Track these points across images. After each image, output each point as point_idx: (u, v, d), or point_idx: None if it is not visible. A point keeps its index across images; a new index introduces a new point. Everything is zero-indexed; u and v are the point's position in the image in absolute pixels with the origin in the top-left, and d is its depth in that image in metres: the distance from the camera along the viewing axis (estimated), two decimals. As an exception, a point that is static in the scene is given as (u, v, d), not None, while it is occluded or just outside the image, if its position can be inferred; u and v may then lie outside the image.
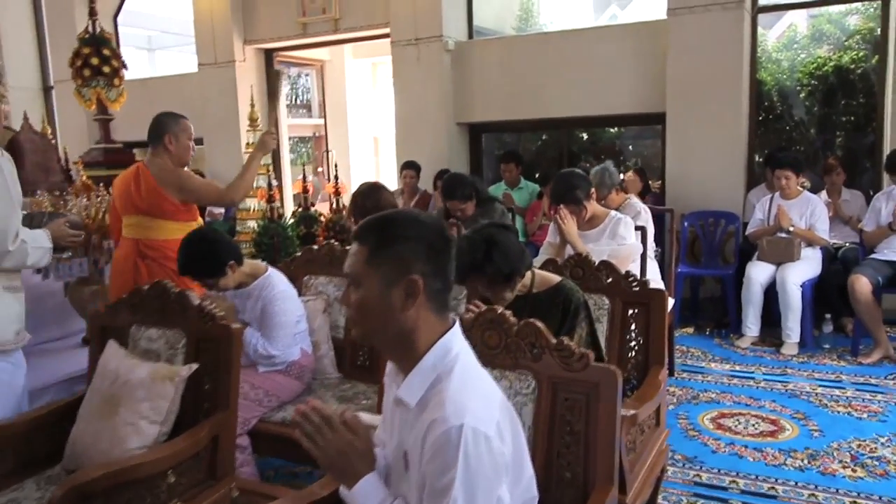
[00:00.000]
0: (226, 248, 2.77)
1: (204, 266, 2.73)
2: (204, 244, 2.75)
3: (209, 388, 2.23)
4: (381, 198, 3.49)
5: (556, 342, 1.76)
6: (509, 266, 2.23)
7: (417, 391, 1.31)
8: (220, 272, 2.72)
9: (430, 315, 1.33)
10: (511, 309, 2.34)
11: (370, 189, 3.52)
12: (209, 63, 7.65)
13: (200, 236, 2.83)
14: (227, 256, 2.74)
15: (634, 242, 3.24)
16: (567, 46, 6.16)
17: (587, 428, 1.72)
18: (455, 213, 4.27)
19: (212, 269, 2.72)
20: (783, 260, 4.62)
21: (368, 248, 1.32)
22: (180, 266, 2.75)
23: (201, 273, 2.75)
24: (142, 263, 3.21)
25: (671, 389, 3.95)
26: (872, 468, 2.99)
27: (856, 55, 6.13)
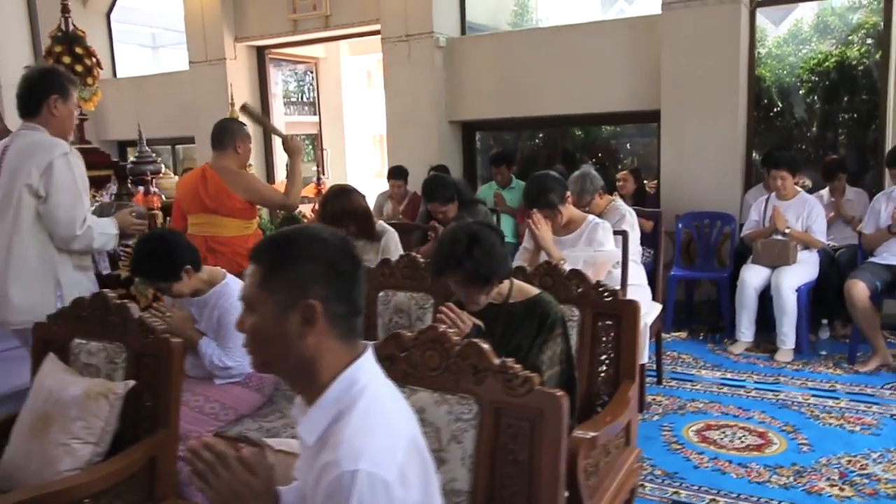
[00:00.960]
0: (183, 251, 2.64)
1: (158, 268, 2.59)
2: (161, 245, 2.62)
3: (150, 406, 2.12)
4: (351, 200, 3.37)
5: (500, 364, 1.64)
6: (489, 267, 2.12)
7: (317, 428, 1.20)
8: (175, 276, 2.60)
9: (334, 343, 1.22)
10: (486, 318, 2.26)
11: (338, 192, 3.41)
12: (200, 61, 7.56)
13: (158, 237, 2.71)
14: (184, 260, 2.61)
15: (613, 249, 3.10)
16: (561, 42, 6.01)
17: (531, 457, 1.60)
18: (437, 215, 4.16)
19: (166, 271, 2.60)
20: (778, 263, 4.46)
21: (262, 269, 1.21)
22: (133, 265, 2.63)
23: (154, 275, 2.62)
24: (212, 258, 3.36)
25: (657, 399, 3.82)
26: (861, 487, 2.84)
27: (859, 50, 5.95)
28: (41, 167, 2.59)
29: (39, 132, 2.68)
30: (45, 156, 2.60)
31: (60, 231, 2.64)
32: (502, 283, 2.25)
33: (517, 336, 2.20)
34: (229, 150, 3.59)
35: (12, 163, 2.64)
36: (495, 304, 2.26)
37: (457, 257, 2.10)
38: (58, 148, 2.64)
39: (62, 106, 2.72)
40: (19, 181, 2.60)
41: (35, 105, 2.69)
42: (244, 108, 3.88)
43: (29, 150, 2.63)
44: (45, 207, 2.62)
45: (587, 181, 3.73)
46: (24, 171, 2.60)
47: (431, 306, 2.76)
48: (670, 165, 5.47)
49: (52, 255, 2.67)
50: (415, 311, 2.79)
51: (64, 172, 2.62)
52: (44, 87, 2.70)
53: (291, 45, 7.71)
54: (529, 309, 2.22)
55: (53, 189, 2.60)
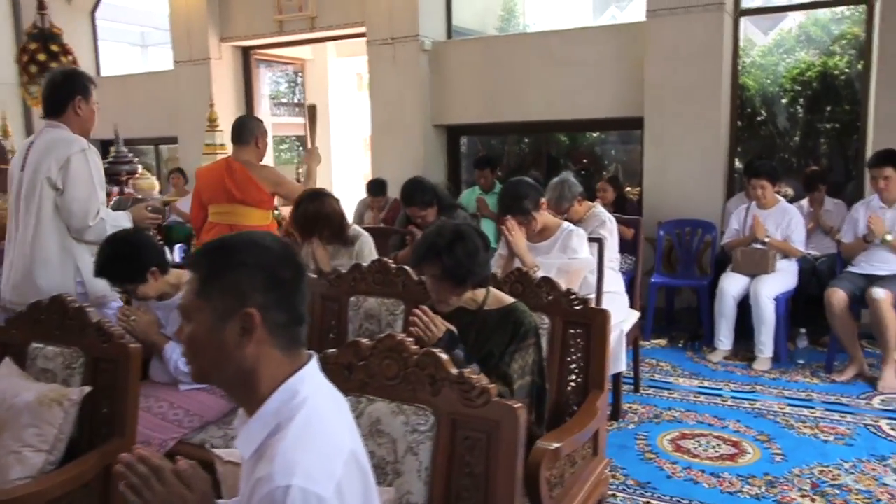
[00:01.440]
0: (150, 252, 2.59)
1: (123, 269, 2.54)
2: (126, 246, 2.57)
3: (107, 413, 2.07)
4: (324, 204, 3.32)
5: (457, 374, 1.61)
6: (466, 267, 2.12)
7: (254, 441, 1.16)
8: (141, 278, 2.55)
9: (275, 353, 1.18)
10: (460, 324, 2.24)
11: (311, 195, 3.36)
12: (185, 60, 7.50)
13: (123, 236, 2.65)
14: (150, 262, 2.56)
15: (587, 256, 3.07)
16: (546, 48, 6.00)
17: (487, 470, 1.57)
18: (416, 219, 4.13)
19: (131, 272, 2.54)
20: (757, 272, 4.45)
21: (199, 277, 1.18)
22: (97, 266, 2.58)
23: (119, 276, 2.57)
24: None
25: (634, 407, 3.80)
26: (832, 497, 2.83)
27: (841, 61, 5.97)
28: (60, 161, 2.78)
29: (61, 129, 2.85)
30: (64, 151, 2.78)
31: (74, 222, 2.82)
32: (478, 290, 2.24)
33: (489, 343, 2.19)
34: (251, 144, 3.81)
35: (35, 158, 2.83)
36: (470, 311, 2.25)
37: (436, 249, 2.11)
38: (76, 144, 2.82)
39: (85, 105, 2.89)
40: (41, 175, 2.79)
41: (60, 105, 2.86)
42: (312, 110, 4.33)
43: (50, 146, 2.82)
44: (62, 199, 2.81)
45: (565, 188, 3.71)
46: (45, 165, 2.79)
47: (402, 312, 2.73)
48: (653, 173, 5.46)
49: (70, 243, 2.86)
50: (385, 317, 2.76)
51: (80, 167, 2.80)
52: (68, 89, 2.87)
53: (277, 45, 7.67)
54: (504, 317, 2.21)
55: (70, 183, 2.78)
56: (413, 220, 4.15)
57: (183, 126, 7.51)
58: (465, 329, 2.22)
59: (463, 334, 2.20)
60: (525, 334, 2.16)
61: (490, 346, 2.17)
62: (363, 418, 1.66)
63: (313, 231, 3.32)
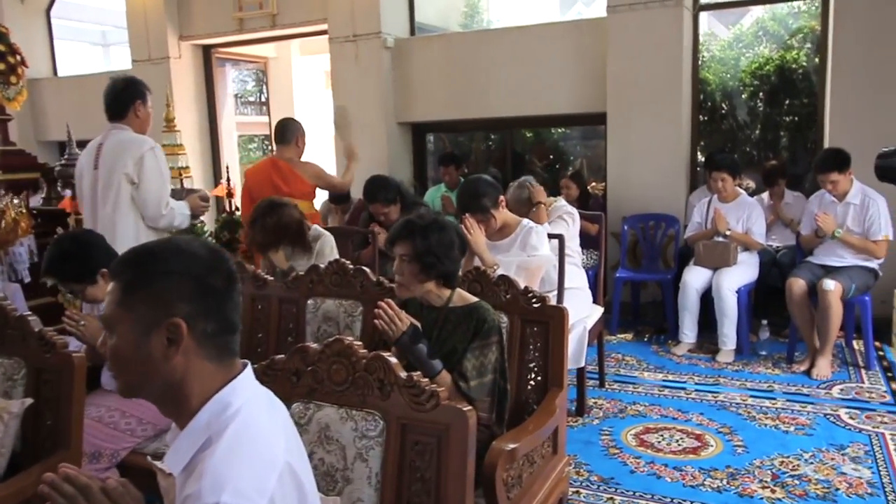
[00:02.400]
0: (100, 252, 2.52)
1: (71, 268, 2.48)
2: (73, 245, 2.51)
3: (51, 425, 2.01)
4: (282, 216, 3.20)
5: (406, 378, 1.58)
6: (436, 256, 2.15)
7: (183, 457, 1.12)
8: (89, 279, 2.48)
9: (205, 364, 1.14)
10: (424, 320, 2.23)
11: (268, 208, 3.24)
12: (143, 59, 7.34)
13: (73, 236, 2.60)
14: (100, 263, 2.48)
15: (547, 253, 3.06)
16: (509, 44, 5.98)
17: (438, 475, 1.54)
18: (378, 217, 4.08)
19: (80, 272, 2.48)
20: (719, 265, 4.49)
21: (121, 286, 1.12)
22: (46, 264, 2.51)
23: (67, 275, 2.51)
24: None
25: (599, 402, 3.80)
26: (792, 488, 2.86)
27: (797, 54, 6.05)
28: (135, 159, 3.16)
29: (127, 131, 3.25)
30: (137, 150, 3.18)
31: (150, 211, 3.22)
32: (444, 288, 2.25)
33: (452, 339, 2.20)
34: (292, 143, 4.25)
35: (109, 156, 3.20)
36: (434, 308, 2.27)
37: (412, 230, 2.17)
38: (146, 143, 3.23)
39: (143, 109, 3.31)
40: (118, 171, 3.15)
41: (122, 109, 3.27)
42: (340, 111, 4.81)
43: (123, 145, 3.21)
44: (138, 192, 3.19)
45: (524, 192, 3.69)
46: (121, 162, 3.16)
47: (361, 314, 2.70)
48: (616, 167, 5.48)
49: (142, 228, 3.25)
50: (344, 318, 2.73)
51: (153, 164, 3.20)
52: (129, 94, 3.28)
53: (238, 44, 7.54)
54: (467, 314, 2.22)
55: (145, 177, 3.17)
56: (376, 217, 4.11)
57: (143, 126, 7.35)
58: (428, 326, 2.24)
59: (426, 331, 2.21)
60: (488, 331, 2.16)
61: (453, 342, 2.19)
62: (311, 425, 1.63)
63: (275, 245, 3.25)
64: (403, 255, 2.18)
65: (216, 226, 4.64)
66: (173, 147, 4.78)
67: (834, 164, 4.10)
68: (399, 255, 2.20)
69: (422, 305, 2.31)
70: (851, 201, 4.15)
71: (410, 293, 2.24)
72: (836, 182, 4.11)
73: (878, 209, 4.08)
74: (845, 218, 4.15)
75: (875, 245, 4.08)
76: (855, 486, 2.85)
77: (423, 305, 2.31)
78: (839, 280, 3.98)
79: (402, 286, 2.22)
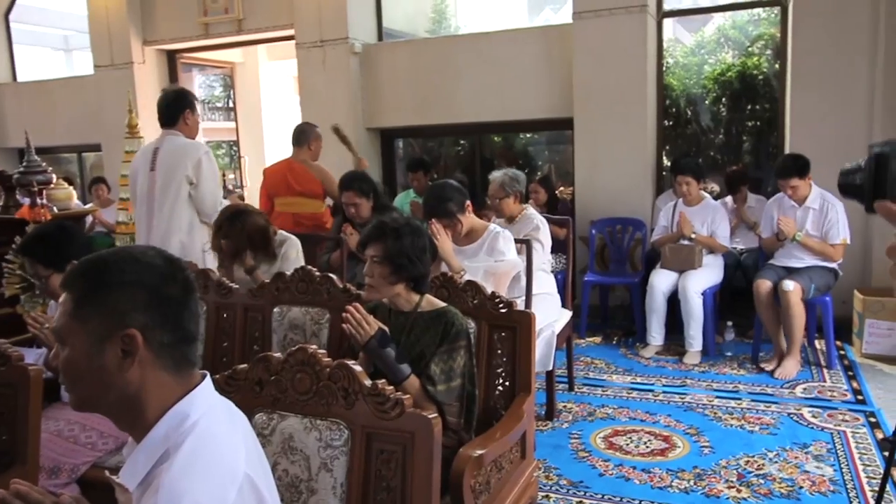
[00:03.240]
0: (78, 245, 2.53)
1: (46, 250, 2.49)
2: (56, 230, 2.55)
3: (6, 440, 1.95)
4: (246, 224, 3.17)
5: (371, 386, 1.57)
6: (408, 259, 2.16)
7: (140, 472, 1.09)
8: (59, 266, 2.45)
9: (162, 375, 1.11)
10: (392, 325, 2.23)
11: (232, 217, 3.20)
12: (106, 65, 7.22)
13: (58, 223, 2.66)
14: (73, 254, 2.44)
15: (514, 258, 3.07)
16: (476, 50, 6.01)
17: (403, 483, 1.53)
18: (349, 208, 3.98)
19: (51, 257, 2.48)
20: (685, 267, 4.56)
21: (73, 297, 1.10)
22: (24, 240, 2.54)
23: (39, 256, 2.52)
24: (299, 230, 4.06)
25: (568, 406, 3.82)
26: (757, 487, 2.90)
27: (758, 60, 6.17)
28: (194, 162, 3.53)
29: (180, 136, 3.62)
30: (195, 154, 3.56)
31: (206, 209, 3.60)
32: (413, 293, 2.25)
33: (420, 344, 2.20)
34: (305, 147, 4.63)
35: (167, 159, 3.57)
36: (403, 313, 2.27)
37: (385, 231, 2.18)
38: (202, 148, 3.64)
39: (191, 117, 3.66)
40: (179, 172, 3.51)
41: (174, 117, 3.61)
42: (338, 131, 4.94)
43: (181, 150, 3.58)
44: (196, 192, 3.57)
45: (509, 178, 3.76)
46: (181, 165, 3.53)
47: (328, 322, 2.67)
48: (583, 172, 5.53)
49: (198, 223, 3.64)
50: (310, 326, 2.70)
51: (209, 167, 3.60)
52: (180, 104, 3.63)
53: (203, 49, 7.45)
54: (435, 319, 2.22)
55: (202, 178, 3.55)
56: (346, 209, 4.01)
57: (106, 133, 7.22)
58: (397, 331, 2.24)
59: (395, 336, 2.21)
60: (456, 335, 2.17)
61: (421, 346, 2.19)
62: (275, 435, 1.61)
63: (240, 253, 3.21)
64: (375, 256, 2.19)
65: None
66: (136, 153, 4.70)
67: (794, 169, 4.18)
68: (370, 257, 2.20)
69: (390, 311, 2.31)
70: (811, 206, 4.24)
71: (380, 295, 2.25)
72: (797, 187, 4.19)
73: (837, 214, 4.17)
74: (805, 222, 4.24)
75: (833, 249, 4.17)
76: (818, 484, 2.90)
77: (392, 310, 2.30)
78: (798, 280, 4.05)
79: (372, 288, 2.22)
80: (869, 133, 4.73)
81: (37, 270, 2.55)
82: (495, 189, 3.78)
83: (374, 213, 3.87)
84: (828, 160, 4.73)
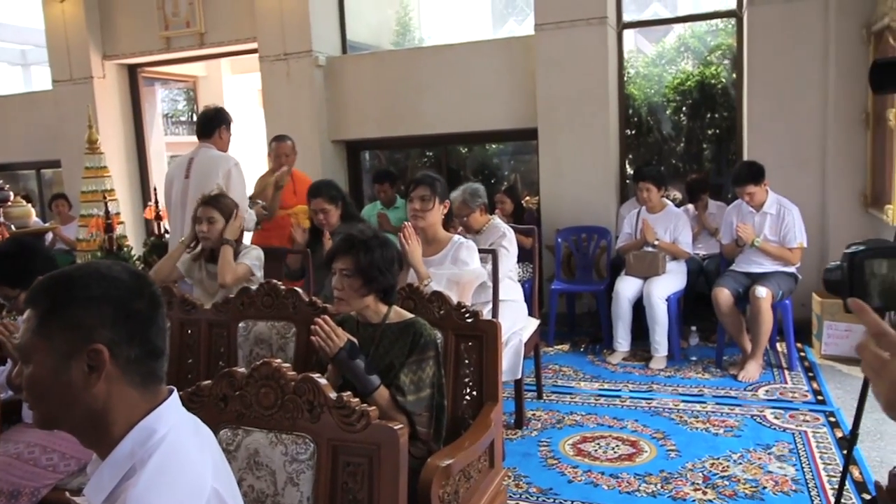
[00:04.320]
0: (41, 261, 2.50)
1: (9, 270, 2.46)
2: (17, 246, 2.53)
3: (-38, 464, 1.90)
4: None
5: (336, 399, 1.57)
6: (378, 271, 2.19)
7: (105, 487, 1.07)
8: (25, 284, 2.39)
9: (129, 390, 1.10)
10: (361, 337, 2.23)
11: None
12: (65, 80, 7.10)
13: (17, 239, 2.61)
14: (39, 270, 2.39)
15: (476, 268, 3.09)
16: (440, 61, 6.05)
17: (371, 495, 1.53)
18: (318, 215, 3.93)
19: (16, 276, 2.44)
20: (649, 274, 4.63)
21: (37, 314, 1.08)
22: None
23: (3, 277, 2.48)
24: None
25: (537, 414, 3.85)
26: (722, 489, 2.95)
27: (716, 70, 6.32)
28: (224, 172, 3.85)
29: (213, 149, 3.98)
30: (226, 165, 3.90)
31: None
32: (381, 305, 2.27)
33: (390, 355, 2.22)
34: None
35: (201, 168, 3.91)
36: (371, 324, 2.28)
37: (355, 244, 2.20)
38: (231, 160, 3.97)
39: (226, 133, 4.07)
40: (211, 180, 3.74)
41: (210, 131, 4.00)
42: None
43: (214, 161, 3.92)
44: None
45: (468, 194, 3.78)
46: (213, 173, 3.83)
47: (294, 335, 2.66)
48: (548, 182, 5.60)
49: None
50: (277, 340, 2.68)
51: (238, 177, 3.92)
52: (217, 120, 4.03)
53: (165, 63, 7.37)
54: (403, 329, 2.24)
55: (232, 187, 3.80)
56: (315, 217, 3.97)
57: (65, 149, 7.11)
58: (365, 343, 2.25)
59: (363, 348, 2.22)
60: (425, 346, 2.18)
61: (390, 357, 2.20)
62: (240, 451, 1.59)
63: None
64: (344, 269, 2.20)
65: (144, 249, 4.51)
66: (97, 170, 4.65)
67: (749, 176, 4.28)
68: (339, 270, 2.22)
69: (358, 323, 2.31)
70: (768, 211, 4.35)
71: (349, 308, 2.26)
72: (753, 193, 4.29)
73: (794, 218, 4.29)
74: (763, 227, 4.34)
75: (790, 252, 4.28)
76: (781, 484, 2.97)
77: (360, 323, 2.31)
78: (769, 287, 4.14)
79: (342, 301, 2.23)
80: (823, 139, 4.89)
81: (4, 292, 2.51)
82: (458, 207, 3.78)
83: (342, 222, 3.85)
84: (783, 166, 4.89)
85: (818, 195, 4.93)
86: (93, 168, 4.48)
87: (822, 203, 4.93)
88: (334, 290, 2.24)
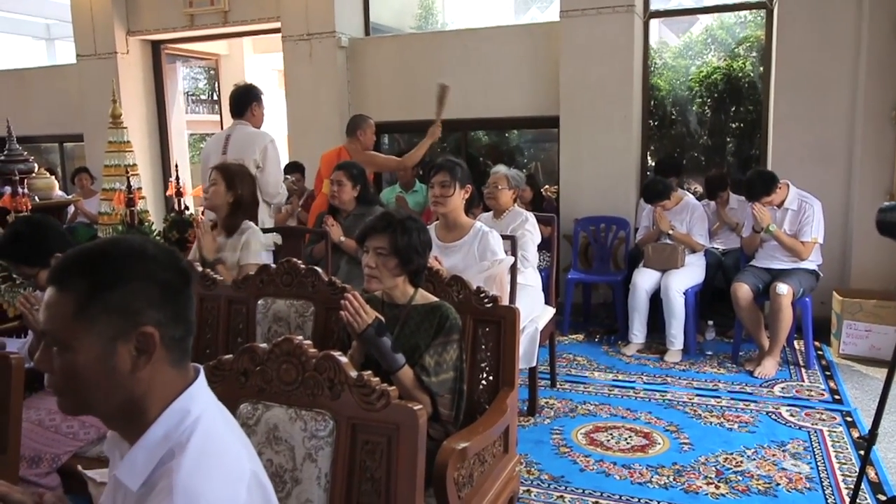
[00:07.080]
0: (55, 237, 2.50)
1: (24, 249, 2.46)
2: (28, 227, 2.50)
3: (-13, 429, 1.93)
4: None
5: (357, 377, 1.57)
6: (413, 251, 2.20)
7: (142, 471, 1.03)
8: (42, 262, 2.43)
9: (168, 370, 1.06)
10: (387, 317, 2.23)
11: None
12: (89, 55, 7.13)
13: (27, 219, 2.60)
14: (54, 247, 2.43)
15: (507, 257, 3.08)
16: (462, 46, 6.01)
17: (388, 475, 1.54)
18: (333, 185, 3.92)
19: (33, 255, 2.45)
20: (668, 267, 4.60)
21: (75, 297, 1.00)
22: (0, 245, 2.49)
23: (20, 257, 2.49)
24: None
25: (550, 402, 3.85)
26: (735, 484, 2.94)
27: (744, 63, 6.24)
28: (261, 148, 3.97)
29: (248, 126, 4.08)
30: (262, 142, 4.01)
31: (269, 190, 4.06)
32: (409, 286, 2.28)
33: (415, 336, 2.22)
34: (355, 136, 4.78)
35: (238, 145, 4.00)
36: (397, 305, 2.28)
37: (392, 223, 2.19)
38: (267, 137, 4.07)
39: (258, 109, 4.15)
40: (248, 157, 3.88)
41: (243, 108, 4.10)
42: (443, 89, 4.89)
43: (250, 137, 4.03)
44: (262, 174, 3.96)
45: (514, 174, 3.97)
46: (250, 150, 3.95)
47: (312, 314, 2.66)
48: (568, 171, 5.56)
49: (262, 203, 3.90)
50: (295, 319, 2.69)
51: (273, 154, 4.03)
52: (248, 97, 4.12)
53: (188, 40, 7.39)
54: (430, 312, 2.24)
55: (268, 163, 3.98)
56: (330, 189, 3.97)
57: (89, 123, 7.15)
58: (390, 323, 2.25)
59: (389, 326, 2.22)
60: (450, 329, 2.19)
61: (416, 339, 2.21)
62: (260, 425, 1.61)
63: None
64: (380, 248, 2.20)
65: (164, 225, 4.53)
66: (120, 144, 4.67)
67: (762, 190, 4.22)
68: (374, 249, 2.21)
69: (383, 303, 2.31)
70: (790, 207, 4.29)
71: (381, 286, 2.25)
72: (770, 201, 4.25)
73: (814, 212, 4.22)
74: (783, 222, 4.29)
75: (802, 245, 4.21)
76: (794, 482, 2.95)
77: (385, 303, 2.31)
78: (790, 283, 4.10)
79: (375, 279, 2.22)
80: (850, 135, 4.81)
81: (22, 271, 2.52)
82: (499, 178, 3.88)
83: (358, 203, 3.86)
84: (808, 161, 4.82)
85: (842, 192, 4.86)
86: (116, 143, 4.51)
87: (847, 200, 4.86)
88: (366, 267, 2.24)
